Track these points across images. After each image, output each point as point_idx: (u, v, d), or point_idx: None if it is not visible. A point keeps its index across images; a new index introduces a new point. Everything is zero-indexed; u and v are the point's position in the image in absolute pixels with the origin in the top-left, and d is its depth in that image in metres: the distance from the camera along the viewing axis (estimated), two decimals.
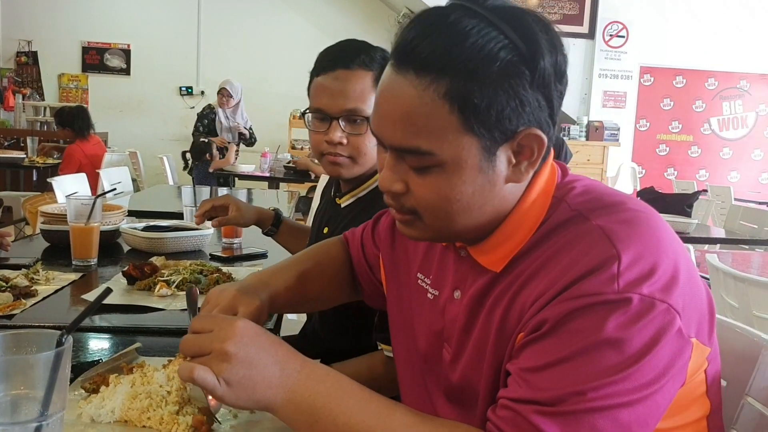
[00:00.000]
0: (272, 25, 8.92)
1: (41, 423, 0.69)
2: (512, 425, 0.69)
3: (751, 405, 0.96)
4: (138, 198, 3.88)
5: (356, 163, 1.42)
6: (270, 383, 0.74)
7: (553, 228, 0.77)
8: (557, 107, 0.77)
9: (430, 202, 0.77)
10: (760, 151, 8.51)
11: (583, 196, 0.79)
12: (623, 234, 0.71)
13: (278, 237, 1.80)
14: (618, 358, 0.67)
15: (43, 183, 5.59)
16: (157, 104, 8.99)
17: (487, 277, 0.82)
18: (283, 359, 0.75)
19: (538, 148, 0.76)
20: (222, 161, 5.88)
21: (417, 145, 0.74)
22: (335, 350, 1.37)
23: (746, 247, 4.12)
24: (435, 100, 0.72)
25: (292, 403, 0.74)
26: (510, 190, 0.79)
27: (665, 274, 0.69)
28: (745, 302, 2.13)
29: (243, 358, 0.73)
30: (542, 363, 0.69)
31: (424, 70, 0.72)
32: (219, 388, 0.73)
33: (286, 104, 8.36)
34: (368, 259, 1.13)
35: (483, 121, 0.72)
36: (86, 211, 1.73)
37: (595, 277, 0.69)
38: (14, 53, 8.84)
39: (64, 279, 1.60)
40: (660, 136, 8.42)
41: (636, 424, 0.67)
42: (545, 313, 0.71)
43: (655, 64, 8.19)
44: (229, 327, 0.75)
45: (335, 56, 1.40)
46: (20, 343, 0.73)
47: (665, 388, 0.69)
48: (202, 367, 0.73)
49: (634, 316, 0.67)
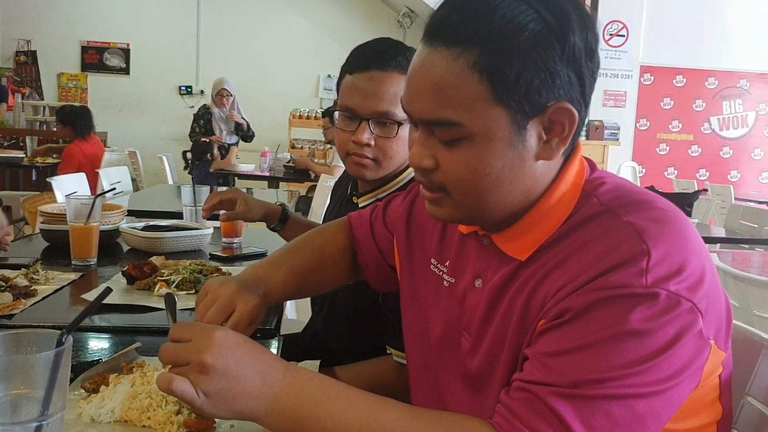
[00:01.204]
0: (272, 25, 8.92)
1: (41, 423, 0.69)
2: (526, 405, 0.69)
3: (752, 404, 0.96)
4: (137, 197, 3.88)
5: (381, 166, 1.40)
6: (251, 394, 0.72)
7: (582, 221, 0.77)
8: (589, 86, 0.77)
9: (459, 176, 0.77)
10: (760, 150, 8.51)
11: (612, 192, 0.79)
12: (654, 231, 0.71)
13: (285, 233, 1.79)
14: (639, 351, 0.67)
15: (43, 183, 5.59)
16: (157, 104, 8.99)
17: (510, 266, 0.81)
18: (264, 369, 0.74)
19: (569, 124, 0.75)
20: (223, 162, 5.88)
21: (446, 117, 0.74)
22: (338, 351, 1.36)
23: (746, 247, 4.13)
24: (464, 69, 0.73)
25: (277, 413, 0.73)
26: (540, 170, 0.78)
27: (693, 274, 0.70)
28: (745, 302, 2.13)
29: (222, 370, 0.72)
30: (562, 348, 0.70)
31: (454, 42, 0.73)
32: (198, 400, 0.71)
33: (286, 103, 8.36)
34: (378, 242, 1.12)
35: (512, 91, 0.72)
36: (86, 211, 1.72)
37: (623, 270, 0.69)
38: (13, 52, 8.84)
39: (64, 279, 1.60)
40: (660, 136, 8.42)
41: (650, 416, 0.68)
42: (569, 302, 0.71)
43: (655, 63, 8.18)
44: (207, 337, 0.74)
45: (371, 56, 1.36)
46: (20, 343, 0.72)
47: (681, 385, 0.70)
48: (181, 378, 0.72)
49: (660, 311, 0.68)
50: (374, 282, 1.16)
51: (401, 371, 1.26)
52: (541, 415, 0.67)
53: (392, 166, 1.41)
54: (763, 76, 8.32)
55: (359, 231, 1.15)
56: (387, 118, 1.35)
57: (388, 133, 1.36)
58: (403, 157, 1.40)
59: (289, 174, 5.73)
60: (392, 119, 1.35)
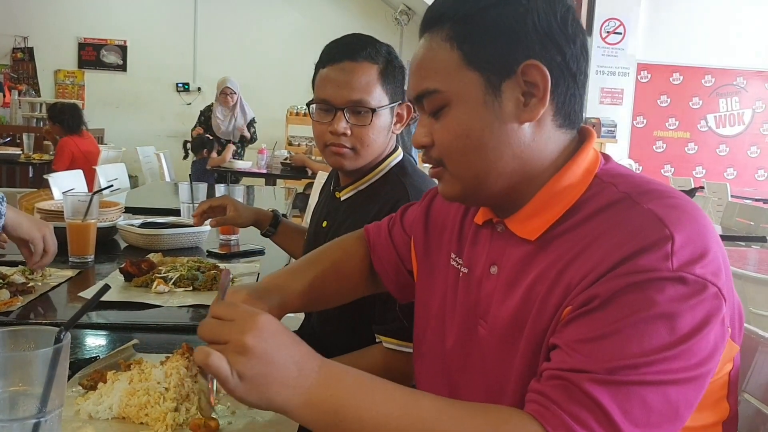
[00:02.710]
0: (269, 22, 8.91)
1: (39, 420, 0.69)
2: (563, 392, 0.69)
3: (748, 401, 0.96)
4: (135, 195, 3.88)
5: (359, 155, 1.43)
6: (286, 383, 0.71)
7: (601, 208, 0.77)
8: (572, 55, 0.80)
9: (446, 143, 0.84)
10: (756, 148, 8.52)
11: (629, 181, 0.80)
12: (674, 217, 0.72)
13: (276, 238, 1.80)
14: (670, 334, 0.67)
15: (39, 179, 5.58)
16: (154, 100, 8.98)
17: (524, 249, 0.83)
18: (301, 359, 0.73)
19: (542, 81, 0.79)
20: (218, 159, 5.87)
21: (426, 87, 0.83)
22: (335, 347, 1.37)
23: (743, 244, 4.13)
24: (439, 43, 0.82)
25: (311, 405, 0.71)
26: (530, 136, 0.81)
27: (715, 260, 0.71)
28: (742, 299, 2.13)
29: (261, 354, 0.70)
30: (593, 335, 0.70)
31: (432, 25, 0.84)
32: (231, 381, 0.70)
33: (283, 100, 8.34)
34: (397, 247, 1.12)
35: (481, 55, 0.80)
36: (83, 208, 1.72)
37: (649, 254, 0.69)
38: (10, 49, 8.81)
39: (61, 276, 1.60)
40: (657, 133, 8.43)
41: (683, 403, 0.69)
42: (596, 288, 0.71)
43: (652, 60, 8.19)
44: (251, 319, 0.72)
45: (342, 48, 1.42)
46: (18, 340, 0.73)
47: (710, 373, 0.70)
48: (220, 355, 0.70)
49: (688, 294, 0.68)
50: (395, 290, 1.15)
51: (392, 358, 1.29)
52: (580, 402, 0.67)
53: (370, 155, 1.44)
54: (759, 73, 8.34)
55: (377, 239, 1.15)
56: (361, 106, 1.39)
57: (363, 121, 1.41)
58: (380, 145, 1.45)
59: (286, 171, 5.71)
60: (366, 107, 1.39)
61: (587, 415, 0.67)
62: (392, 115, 1.46)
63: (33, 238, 1.47)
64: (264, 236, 1.80)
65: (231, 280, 0.92)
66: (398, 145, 1.54)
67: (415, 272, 1.08)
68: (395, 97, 1.44)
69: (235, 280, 1.64)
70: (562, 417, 0.68)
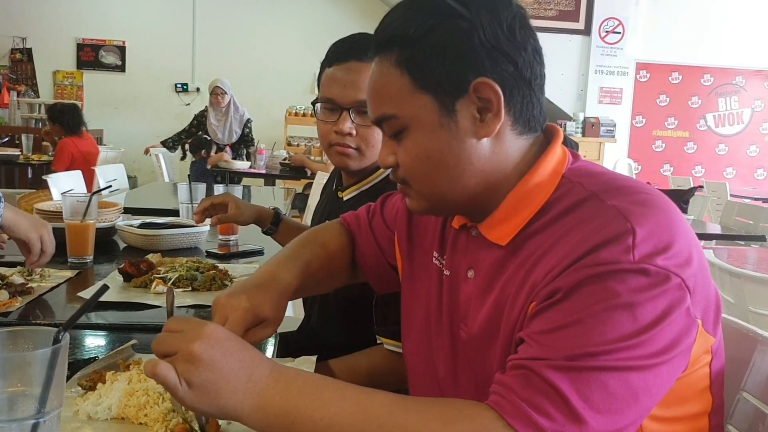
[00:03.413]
0: (268, 22, 8.90)
1: (38, 420, 0.69)
2: (523, 380, 0.69)
3: (747, 400, 0.96)
4: (134, 195, 3.88)
5: (363, 155, 1.43)
6: (236, 389, 0.71)
7: (568, 208, 0.78)
8: (524, 63, 0.80)
9: (408, 165, 0.85)
10: (755, 147, 8.53)
11: (596, 179, 0.81)
12: (637, 212, 0.73)
13: (277, 236, 1.80)
14: (631, 324, 0.68)
15: (38, 180, 5.58)
16: (153, 101, 8.97)
17: (497, 254, 0.84)
18: (251, 365, 0.73)
19: (495, 97, 0.79)
20: (216, 156, 5.85)
21: (383, 112, 0.85)
22: (334, 346, 1.37)
23: (742, 243, 4.14)
24: (389, 68, 0.83)
25: (263, 409, 0.71)
26: (491, 150, 0.82)
27: (680, 253, 0.71)
28: (740, 298, 2.14)
29: (208, 361, 0.71)
30: (556, 325, 0.70)
31: (381, 48, 0.85)
32: (180, 389, 0.70)
33: (282, 101, 8.33)
34: (378, 240, 1.13)
35: (430, 78, 0.80)
36: (82, 209, 1.72)
37: (610, 247, 0.70)
38: (8, 50, 8.80)
39: (60, 276, 1.60)
40: (656, 133, 8.43)
41: (643, 390, 0.69)
42: (558, 282, 0.72)
43: (651, 60, 8.19)
44: (198, 328, 0.73)
45: (348, 47, 1.41)
46: (17, 341, 0.72)
47: (672, 362, 0.71)
48: (167, 364, 0.71)
49: (650, 284, 0.69)
50: (374, 282, 1.16)
51: (393, 359, 1.28)
52: (538, 389, 0.68)
53: (374, 156, 1.43)
54: (758, 72, 8.34)
55: (357, 230, 1.16)
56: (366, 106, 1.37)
57: (368, 122, 1.39)
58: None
59: (285, 171, 5.71)
60: None
61: (546, 402, 0.67)
62: None
63: (30, 239, 1.48)
64: (265, 234, 1.80)
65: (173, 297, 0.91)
66: None
67: (399, 269, 1.08)
68: None
69: (234, 281, 1.64)
70: (520, 405, 0.68)
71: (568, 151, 0.87)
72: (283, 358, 1.17)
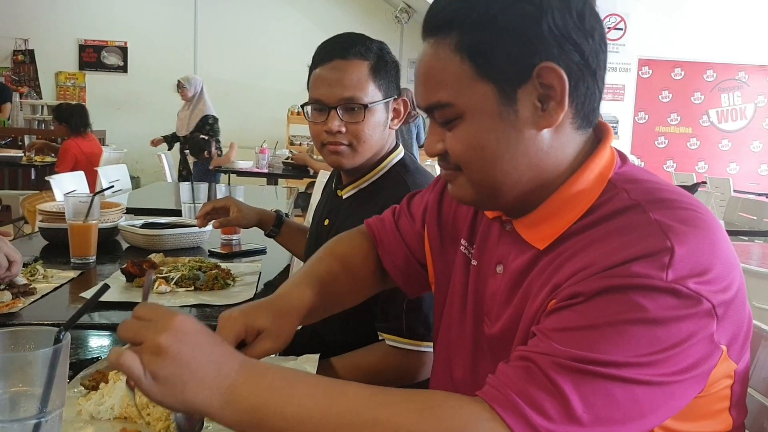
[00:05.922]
0: (270, 21, 8.90)
1: (40, 420, 0.69)
2: (523, 373, 0.67)
3: (752, 395, 0.96)
4: (136, 195, 3.88)
5: (356, 152, 1.43)
6: (204, 384, 0.68)
7: (609, 214, 0.75)
8: (591, 52, 0.76)
9: (461, 154, 0.80)
10: (758, 143, 8.51)
11: (643, 187, 0.77)
12: (680, 230, 0.69)
13: (280, 238, 1.80)
14: (650, 342, 0.65)
15: (41, 181, 5.58)
16: (155, 101, 8.96)
17: (529, 254, 0.81)
18: (220, 359, 0.70)
19: (559, 84, 0.75)
20: (222, 159, 5.87)
21: (438, 99, 0.79)
22: (336, 345, 1.37)
23: (745, 239, 4.13)
24: (447, 53, 0.77)
25: (232, 405, 0.68)
26: (548, 143, 0.78)
27: (717, 279, 0.68)
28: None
29: (174, 354, 0.68)
30: (570, 325, 0.68)
31: (438, 31, 0.78)
32: (144, 381, 0.68)
33: (284, 100, 8.34)
34: (406, 240, 1.09)
35: (493, 66, 0.75)
36: (84, 209, 1.72)
37: (645, 261, 0.67)
38: (11, 51, 8.81)
39: (63, 277, 1.60)
40: (659, 129, 8.42)
41: (648, 406, 0.66)
42: (583, 285, 0.69)
43: (654, 56, 8.18)
44: (167, 319, 0.70)
45: (332, 47, 1.42)
46: (18, 341, 0.72)
47: (685, 383, 0.68)
48: (132, 354, 0.68)
49: (679, 305, 0.66)
50: (404, 285, 1.12)
51: (396, 355, 1.29)
52: (538, 384, 0.65)
53: (368, 151, 1.44)
54: (761, 68, 8.31)
55: (383, 233, 1.12)
56: (353, 102, 1.39)
57: (356, 118, 1.40)
58: (377, 141, 1.44)
59: (287, 170, 5.71)
60: (358, 103, 1.39)
61: (544, 399, 0.65)
62: (387, 111, 1.45)
63: None
64: (268, 236, 1.80)
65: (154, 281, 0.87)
66: (399, 143, 1.53)
67: (429, 266, 1.06)
68: (389, 93, 1.44)
69: (237, 280, 1.64)
70: (513, 398, 0.65)
71: (617, 153, 0.83)
72: (286, 357, 1.17)
